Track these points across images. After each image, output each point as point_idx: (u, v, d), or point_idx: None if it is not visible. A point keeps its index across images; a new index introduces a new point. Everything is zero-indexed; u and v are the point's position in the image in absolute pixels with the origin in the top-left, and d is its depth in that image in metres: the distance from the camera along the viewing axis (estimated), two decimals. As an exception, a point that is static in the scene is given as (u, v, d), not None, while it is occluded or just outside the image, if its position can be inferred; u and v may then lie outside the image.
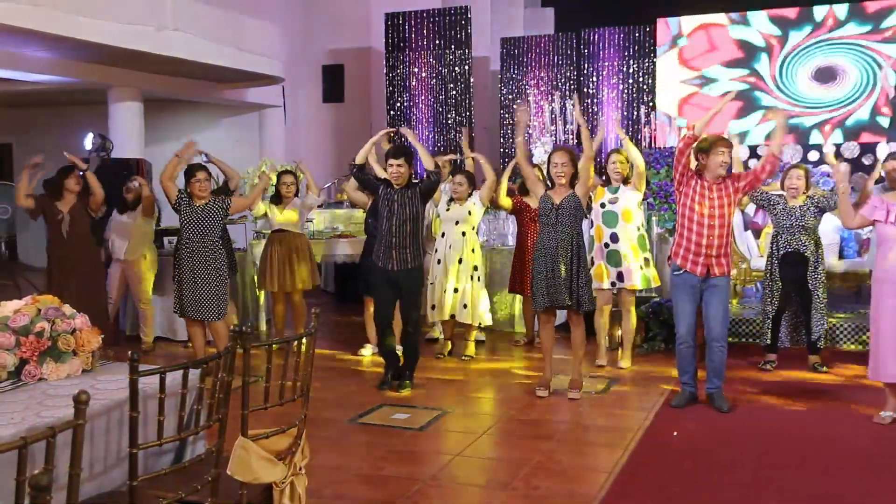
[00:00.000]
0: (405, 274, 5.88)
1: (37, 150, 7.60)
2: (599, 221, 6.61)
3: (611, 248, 6.56)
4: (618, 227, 6.53)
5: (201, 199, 6.34)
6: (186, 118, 14.09)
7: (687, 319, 5.42)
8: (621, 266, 6.52)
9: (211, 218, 6.29)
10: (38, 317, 3.14)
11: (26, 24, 8.08)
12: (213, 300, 6.28)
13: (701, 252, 5.28)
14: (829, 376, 6.27)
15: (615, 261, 6.54)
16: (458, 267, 6.87)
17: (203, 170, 6.44)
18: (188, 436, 2.79)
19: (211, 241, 6.31)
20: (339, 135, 14.45)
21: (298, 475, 3.01)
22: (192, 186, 6.34)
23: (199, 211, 6.29)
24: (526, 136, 6.53)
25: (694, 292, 5.38)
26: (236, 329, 2.69)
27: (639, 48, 12.49)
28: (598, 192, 6.61)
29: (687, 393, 5.51)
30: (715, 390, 5.40)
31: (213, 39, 10.23)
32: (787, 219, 6.29)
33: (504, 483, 4.16)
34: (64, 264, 6.80)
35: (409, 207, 5.88)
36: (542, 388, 5.79)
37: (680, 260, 5.36)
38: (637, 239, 6.56)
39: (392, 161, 5.94)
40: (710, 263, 5.28)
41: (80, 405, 2.07)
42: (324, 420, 5.17)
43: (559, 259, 5.56)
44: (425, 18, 12.60)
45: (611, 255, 6.56)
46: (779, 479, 4.19)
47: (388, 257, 5.88)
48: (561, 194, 5.65)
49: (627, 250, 6.51)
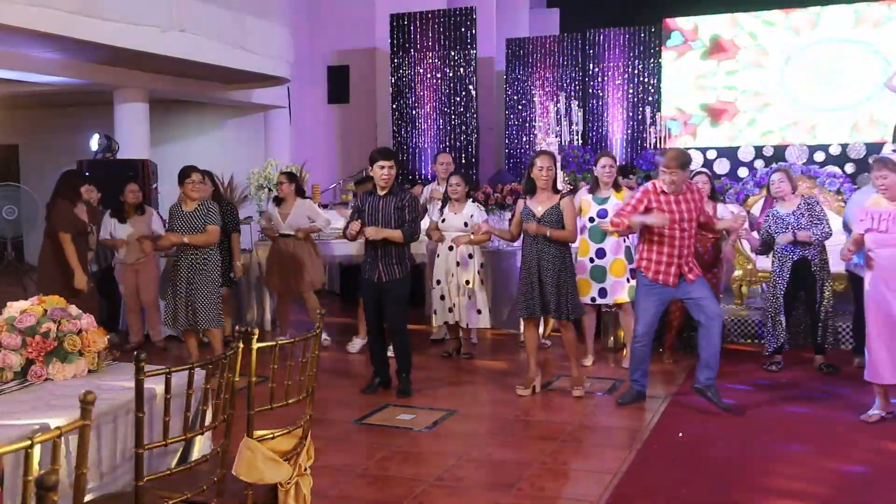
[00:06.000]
0: (391, 284, 5.79)
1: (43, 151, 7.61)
2: (585, 235, 6.47)
3: (595, 263, 6.49)
4: (605, 242, 6.47)
5: (193, 200, 6.31)
6: (192, 119, 14.12)
7: (648, 320, 5.46)
8: (605, 282, 6.47)
9: (201, 222, 6.25)
10: (44, 317, 3.15)
11: (32, 25, 8.10)
12: (211, 307, 6.25)
13: (672, 262, 5.33)
14: (835, 377, 6.25)
15: (599, 277, 6.48)
16: (457, 272, 6.85)
17: (197, 171, 6.42)
18: (194, 436, 2.79)
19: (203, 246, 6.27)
20: (345, 135, 14.46)
21: (304, 476, 3.01)
22: (186, 187, 6.31)
23: (188, 215, 6.27)
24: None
25: (662, 299, 5.45)
26: (241, 330, 2.69)
27: (644, 49, 12.47)
28: (584, 205, 6.50)
29: (635, 391, 5.58)
30: (710, 383, 5.34)
31: (218, 40, 10.24)
32: (782, 228, 6.29)
33: (509, 484, 4.15)
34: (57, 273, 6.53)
35: (394, 216, 5.74)
36: (523, 387, 5.82)
37: (651, 274, 5.39)
38: (623, 252, 6.48)
39: (382, 163, 5.73)
40: (683, 271, 5.33)
41: (86, 405, 2.08)
42: (329, 421, 5.17)
43: (541, 270, 5.60)
44: (430, 19, 12.60)
45: (595, 271, 6.49)
46: (785, 480, 4.18)
47: (374, 269, 5.80)
48: (543, 203, 5.63)
49: (612, 266, 6.46)
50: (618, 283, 6.45)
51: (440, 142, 12.50)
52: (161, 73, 10.95)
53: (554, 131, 10.01)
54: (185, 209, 6.30)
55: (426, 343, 7.61)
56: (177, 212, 6.33)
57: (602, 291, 6.49)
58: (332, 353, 7.31)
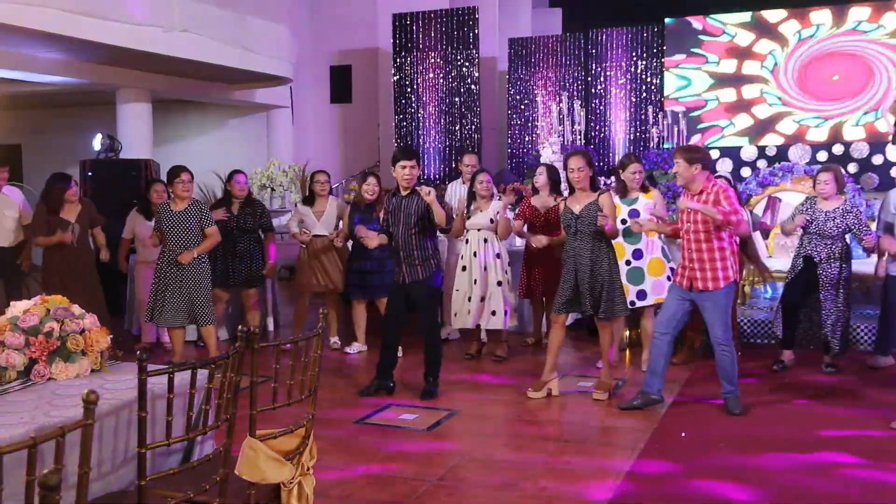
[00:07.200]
0: (416, 286, 5.77)
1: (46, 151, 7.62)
2: (619, 239, 6.18)
3: (633, 265, 6.40)
4: (641, 242, 6.40)
5: (182, 200, 6.34)
6: (194, 119, 14.14)
7: (668, 312, 5.38)
8: (643, 284, 6.38)
9: (190, 222, 6.29)
10: (47, 317, 3.15)
11: (35, 25, 8.11)
12: (207, 303, 6.32)
13: (685, 265, 5.30)
14: (842, 377, 6.25)
15: (636, 279, 6.39)
16: (484, 275, 6.81)
17: (186, 171, 6.44)
18: (196, 436, 2.79)
19: (193, 245, 6.32)
20: (347, 135, 14.46)
21: (306, 475, 3.01)
22: (175, 187, 6.35)
23: (178, 215, 6.30)
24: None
25: (680, 300, 5.34)
26: (244, 329, 2.69)
27: (647, 48, 12.46)
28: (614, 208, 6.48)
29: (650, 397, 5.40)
30: (728, 395, 5.33)
31: (221, 40, 10.26)
32: (811, 222, 6.26)
33: (512, 484, 4.15)
34: (65, 272, 6.71)
35: (416, 216, 5.73)
36: (533, 391, 5.75)
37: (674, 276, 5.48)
38: (660, 250, 6.44)
39: (405, 163, 5.73)
40: (694, 277, 5.22)
41: (88, 405, 2.08)
42: (331, 420, 5.17)
43: (579, 268, 5.54)
44: (433, 19, 12.59)
45: (632, 273, 6.38)
46: (789, 480, 4.18)
47: (399, 270, 5.81)
48: (581, 202, 5.59)
49: (650, 265, 6.40)
50: (658, 283, 6.36)
51: (442, 142, 12.50)
52: (164, 73, 10.96)
53: (556, 131, 9.99)
54: (175, 209, 6.33)
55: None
56: (165, 211, 6.36)
57: (641, 294, 6.40)
58: (334, 353, 7.30)
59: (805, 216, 6.26)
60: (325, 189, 7.42)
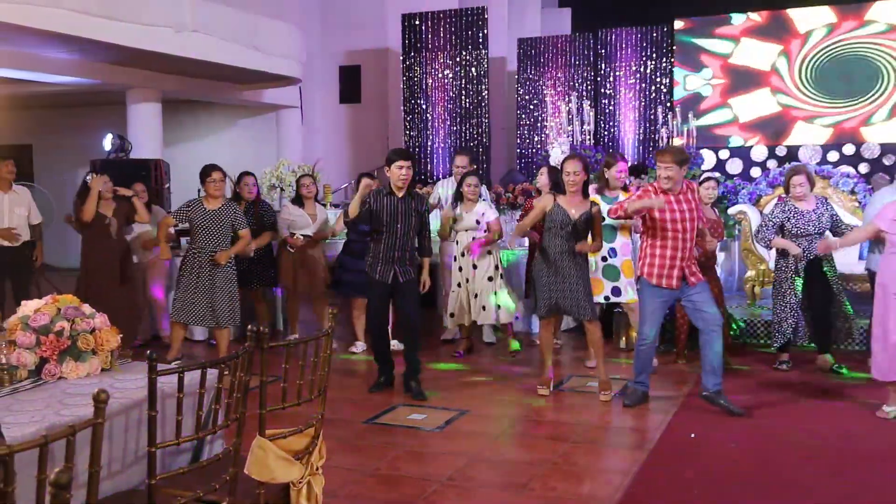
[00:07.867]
0: (408, 285, 5.82)
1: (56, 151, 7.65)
2: None
3: (608, 262, 6.51)
4: (615, 242, 6.49)
5: (215, 199, 6.37)
6: (204, 118, 14.17)
7: (654, 322, 5.48)
8: (617, 281, 6.49)
9: (224, 221, 6.32)
10: (58, 316, 3.16)
11: (45, 25, 8.14)
12: (231, 305, 6.36)
13: (675, 264, 5.33)
14: (844, 376, 6.22)
15: (612, 276, 6.50)
16: (473, 272, 6.90)
17: (218, 169, 6.46)
18: (206, 435, 2.80)
19: (225, 245, 6.36)
20: (356, 135, 14.47)
21: (315, 475, 3.01)
22: (208, 186, 6.37)
23: (212, 214, 6.32)
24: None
25: (666, 301, 5.48)
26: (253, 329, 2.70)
27: (657, 48, 12.43)
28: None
29: (640, 392, 5.57)
30: (717, 388, 5.34)
31: (231, 40, 10.28)
32: (803, 225, 6.22)
33: (521, 484, 4.15)
34: (105, 268, 6.68)
35: (414, 217, 5.78)
36: (544, 387, 5.83)
37: (655, 279, 5.39)
38: (631, 254, 6.51)
39: (401, 163, 5.71)
40: (685, 273, 5.33)
41: (99, 404, 2.09)
42: (340, 420, 5.18)
43: (564, 270, 5.59)
44: (442, 19, 12.59)
45: (607, 270, 6.51)
46: (796, 481, 4.16)
47: (389, 269, 5.78)
48: (576, 207, 5.61)
49: (623, 266, 6.48)
50: (630, 283, 6.45)
51: (452, 142, 12.49)
52: (173, 73, 10.99)
53: (565, 131, 9.98)
54: (209, 207, 6.35)
55: (437, 343, 7.61)
56: (199, 209, 6.36)
57: (615, 290, 6.50)
58: (341, 353, 7.30)
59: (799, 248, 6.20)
60: (311, 192, 7.51)
